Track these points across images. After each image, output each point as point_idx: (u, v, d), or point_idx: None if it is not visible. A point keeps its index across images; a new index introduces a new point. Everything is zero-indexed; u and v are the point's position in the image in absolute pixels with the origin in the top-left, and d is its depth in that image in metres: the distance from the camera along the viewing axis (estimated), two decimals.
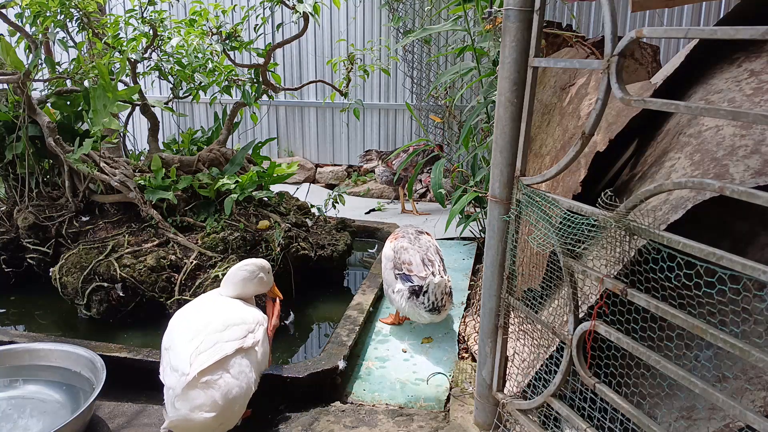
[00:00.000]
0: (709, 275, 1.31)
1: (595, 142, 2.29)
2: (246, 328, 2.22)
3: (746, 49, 2.18)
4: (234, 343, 2.11)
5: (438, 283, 2.92)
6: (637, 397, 1.85)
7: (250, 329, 2.23)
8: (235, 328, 2.18)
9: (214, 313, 2.26)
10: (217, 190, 3.81)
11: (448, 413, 2.44)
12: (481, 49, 3.72)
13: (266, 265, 2.52)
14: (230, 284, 2.45)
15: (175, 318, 2.28)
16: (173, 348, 2.10)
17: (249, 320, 2.27)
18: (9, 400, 2.46)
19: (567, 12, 6.33)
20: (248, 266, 2.46)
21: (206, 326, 2.15)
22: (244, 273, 2.44)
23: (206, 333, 2.11)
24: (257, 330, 2.27)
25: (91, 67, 3.88)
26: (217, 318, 2.21)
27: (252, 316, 2.31)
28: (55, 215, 3.77)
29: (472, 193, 3.82)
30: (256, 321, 2.30)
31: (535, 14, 1.76)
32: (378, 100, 7.07)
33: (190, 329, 2.15)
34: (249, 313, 2.32)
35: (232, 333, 2.15)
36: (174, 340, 2.14)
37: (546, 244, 1.80)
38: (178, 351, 2.06)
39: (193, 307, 2.33)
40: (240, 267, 2.46)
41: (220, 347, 2.07)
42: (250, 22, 6.62)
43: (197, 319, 2.21)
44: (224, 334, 2.13)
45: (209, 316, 2.23)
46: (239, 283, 2.43)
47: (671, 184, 1.40)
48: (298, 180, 7.14)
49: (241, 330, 2.19)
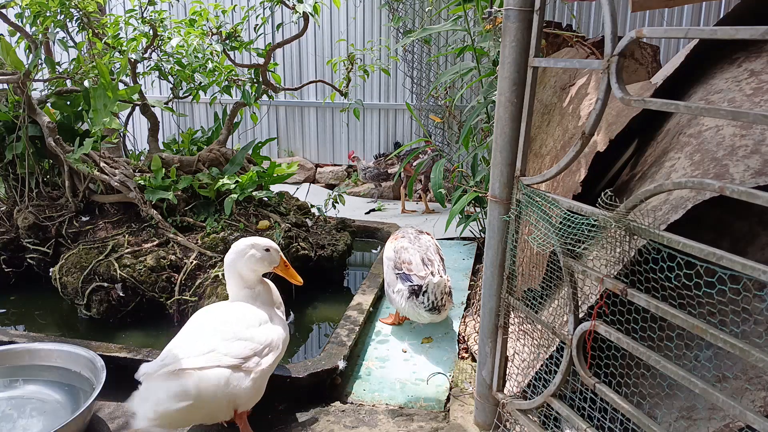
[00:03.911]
0: (709, 275, 1.31)
1: (595, 142, 2.29)
2: (252, 347, 2.11)
3: (746, 49, 2.18)
4: (230, 359, 2.03)
5: (437, 283, 2.92)
6: (637, 397, 1.85)
7: (257, 350, 2.12)
8: (242, 343, 2.09)
9: (225, 320, 2.18)
10: (217, 190, 3.81)
11: (448, 413, 2.44)
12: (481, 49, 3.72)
13: (260, 242, 2.35)
14: (228, 276, 2.34)
15: (189, 321, 2.26)
16: (171, 344, 2.10)
17: (259, 339, 2.14)
18: (9, 400, 2.46)
19: (567, 12, 6.33)
20: (236, 245, 2.32)
21: (216, 331, 2.11)
22: (231, 255, 2.31)
23: (212, 337, 2.08)
24: (266, 356, 2.14)
25: (91, 67, 3.89)
26: (227, 326, 2.13)
27: (264, 336, 2.17)
28: (55, 215, 3.77)
29: (472, 193, 3.82)
30: (266, 342, 2.16)
31: (535, 14, 1.76)
32: (378, 100, 7.07)
33: (196, 331, 2.14)
34: (263, 333, 2.19)
35: (236, 347, 2.07)
36: (175, 338, 2.14)
37: (546, 244, 1.80)
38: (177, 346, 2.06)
39: (207, 312, 2.28)
40: (229, 253, 2.33)
41: (215, 357, 2.02)
42: (250, 22, 6.62)
43: (207, 324, 2.18)
44: (228, 344, 2.07)
45: (220, 322, 2.17)
46: (231, 265, 2.30)
47: (671, 184, 1.40)
48: (298, 180, 7.14)
49: (246, 348, 2.09)
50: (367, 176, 6.46)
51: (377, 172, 6.42)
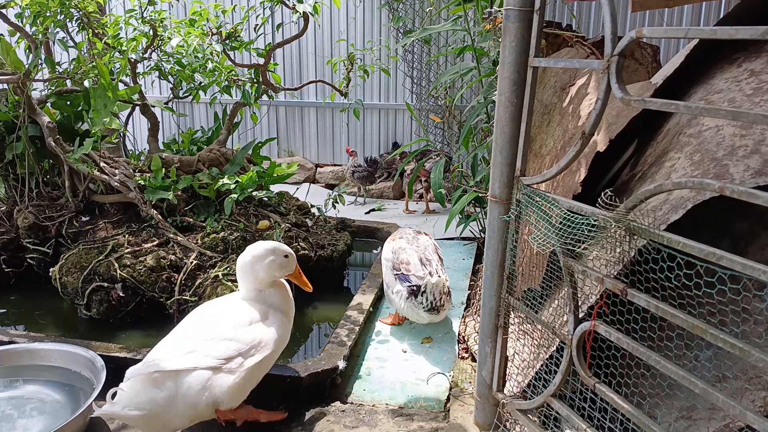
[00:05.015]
0: (709, 275, 1.31)
1: (595, 142, 2.29)
2: (236, 348, 2.07)
3: (746, 49, 2.18)
4: (210, 360, 2.02)
5: (435, 283, 2.92)
6: (637, 397, 1.85)
7: (241, 350, 2.08)
8: (225, 343, 2.07)
9: (213, 319, 2.18)
10: (217, 190, 3.81)
11: (448, 413, 2.44)
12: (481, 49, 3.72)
13: (280, 248, 2.29)
14: (240, 272, 2.30)
15: (183, 319, 2.26)
16: (158, 345, 2.11)
17: (245, 339, 2.11)
18: (9, 400, 2.46)
19: (567, 12, 6.33)
20: (255, 248, 2.26)
21: (200, 331, 2.12)
22: (248, 258, 2.25)
23: (197, 337, 2.09)
24: (251, 356, 2.10)
25: (92, 67, 3.88)
26: (213, 326, 2.12)
27: (252, 335, 2.13)
28: (55, 215, 3.77)
29: (472, 193, 3.82)
30: (252, 342, 2.12)
31: (535, 14, 1.76)
32: (378, 100, 7.07)
33: (184, 331, 2.15)
34: (250, 332, 2.14)
35: (218, 348, 2.05)
36: (164, 338, 2.15)
37: (546, 244, 1.80)
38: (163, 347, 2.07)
39: (200, 310, 2.28)
40: (247, 250, 2.28)
41: (195, 358, 2.00)
42: (250, 22, 6.62)
43: (195, 323, 2.19)
44: (210, 344, 2.05)
45: (207, 322, 2.17)
46: (248, 267, 2.26)
47: (671, 184, 1.40)
48: (298, 180, 7.14)
49: (230, 349, 2.06)
50: (355, 176, 6.35)
51: (367, 174, 6.36)
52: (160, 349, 2.07)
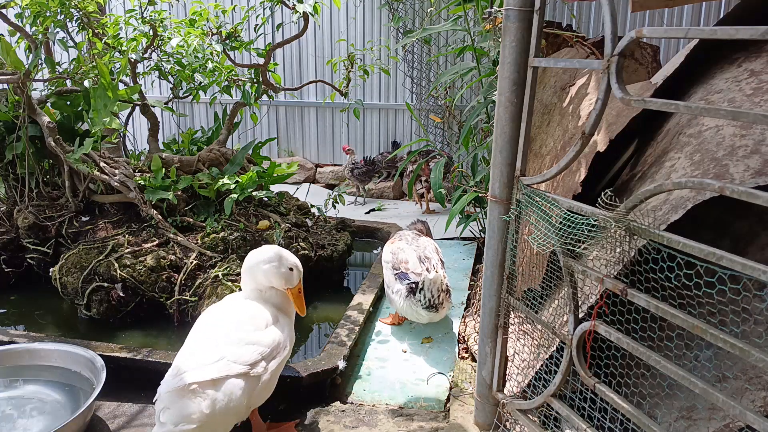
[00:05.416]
0: (709, 275, 1.31)
1: (595, 142, 2.29)
2: (260, 351, 2.06)
3: (746, 49, 2.18)
4: (240, 366, 1.99)
5: (433, 279, 2.91)
6: (637, 397, 1.85)
7: (264, 354, 2.07)
8: (249, 348, 2.05)
9: (233, 323, 2.13)
10: (217, 190, 3.81)
11: (448, 413, 2.44)
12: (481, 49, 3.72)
13: (289, 259, 2.24)
14: (244, 275, 2.27)
15: (197, 322, 2.21)
16: (181, 353, 2.06)
17: (266, 342, 2.10)
18: (9, 400, 2.46)
19: (567, 12, 6.33)
20: (262, 250, 2.24)
21: (223, 336, 2.07)
22: (253, 260, 2.22)
23: (221, 343, 2.04)
24: (273, 359, 2.10)
25: (92, 67, 3.88)
26: (235, 331, 2.08)
27: (271, 338, 2.13)
28: (55, 215, 3.77)
29: (472, 193, 3.82)
30: (272, 344, 2.11)
31: (535, 14, 1.76)
32: (378, 100, 7.07)
33: (204, 336, 2.10)
34: (269, 335, 2.14)
35: (244, 353, 2.03)
36: (185, 345, 2.10)
37: (546, 244, 1.80)
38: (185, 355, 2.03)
39: (215, 313, 2.22)
40: (256, 251, 2.25)
41: (225, 365, 1.97)
42: (250, 22, 6.62)
43: (215, 327, 2.13)
44: (236, 350, 2.03)
45: (227, 326, 2.12)
46: (255, 268, 2.22)
47: (671, 184, 1.40)
48: (298, 180, 7.14)
49: (254, 353, 2.05)
50: (354, 174, 6.29)
51: (366, 170, 6.32)
52: (188, 358, 2.01)
